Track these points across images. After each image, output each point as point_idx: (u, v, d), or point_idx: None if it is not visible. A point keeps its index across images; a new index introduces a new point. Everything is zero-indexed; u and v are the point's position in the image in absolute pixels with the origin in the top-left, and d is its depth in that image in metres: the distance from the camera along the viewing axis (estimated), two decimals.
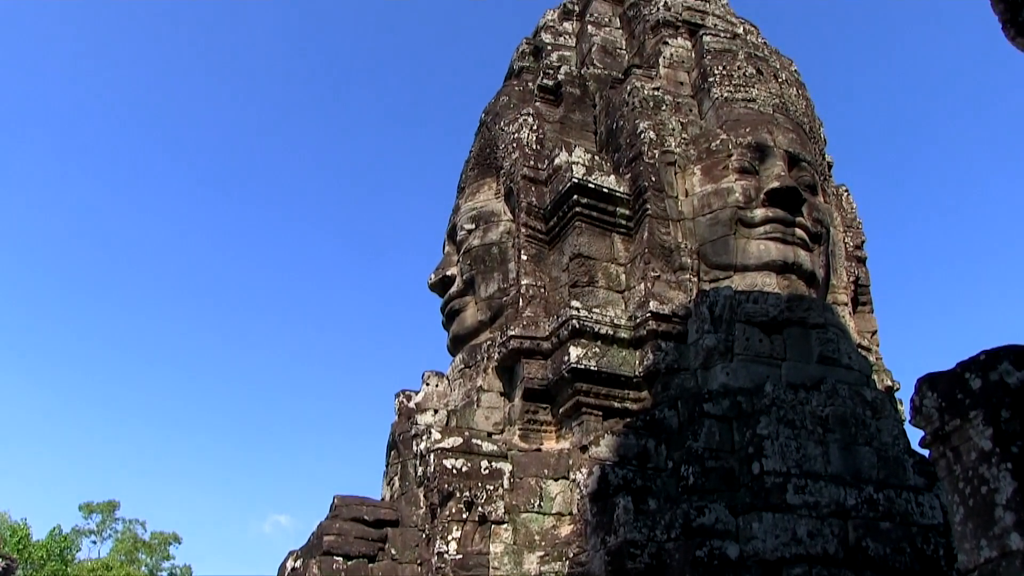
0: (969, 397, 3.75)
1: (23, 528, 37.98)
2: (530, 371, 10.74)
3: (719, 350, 9.98)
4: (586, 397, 10.25)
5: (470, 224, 12.76)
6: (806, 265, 10.91)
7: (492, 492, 9.75)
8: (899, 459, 9.18)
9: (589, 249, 11.30)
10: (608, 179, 11.62)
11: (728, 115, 11.83)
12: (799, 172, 11.32)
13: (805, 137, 12.05)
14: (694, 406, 9.54)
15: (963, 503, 3.78)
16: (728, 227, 10.98)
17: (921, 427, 4.07)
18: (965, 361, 3.85)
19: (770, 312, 10.13)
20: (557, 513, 9.89)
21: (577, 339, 10.33)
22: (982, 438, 3.67)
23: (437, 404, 11.97)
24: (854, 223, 13.41)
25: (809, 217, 11.11)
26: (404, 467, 11.37)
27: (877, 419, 9.37)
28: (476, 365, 11.74)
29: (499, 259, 12.29)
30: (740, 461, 8.97)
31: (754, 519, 8.19)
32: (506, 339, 10.97)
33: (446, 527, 9.54)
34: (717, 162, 11.38)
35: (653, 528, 8.36)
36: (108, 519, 46.99)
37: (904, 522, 8.55)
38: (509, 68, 15.07)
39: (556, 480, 10.06)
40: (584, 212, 11.43)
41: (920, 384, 4.09)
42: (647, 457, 9.44)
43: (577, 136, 12.88)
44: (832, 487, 8.55)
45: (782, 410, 9.01)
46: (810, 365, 9.98)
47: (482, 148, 13.67)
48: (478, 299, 12.39)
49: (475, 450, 10.08)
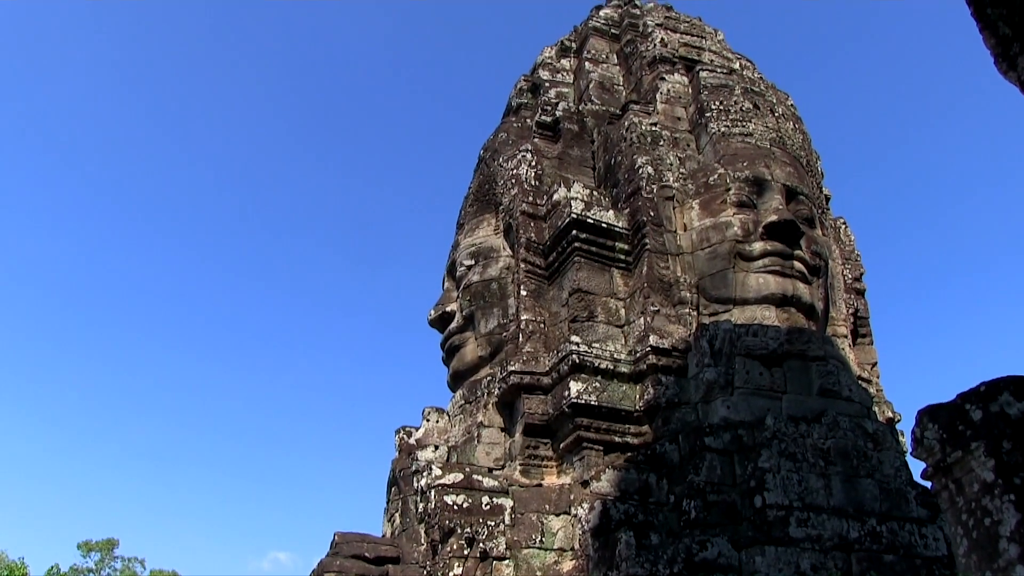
0: (970, 428, 3.75)
1: (21, 567, 37.66)
2: (530, 406, 10.72)
3: (719, 383, 9.98)
4: (587, 432, 10.23)
5: (469, 260, 12.78)
6: (805, 298, 10.92)
7: (493, 528, 9.71)
8: (901, 491, 9.16)
9: (588, 284, 11.32)
10: (607, 214, 11.66)
11: (726, 150, 11.89)
12: (797, 205, 11.36)
13: (802, 170, 12.10)
14: (695, 440, 9.53)
15: (967, 535, 3.77)
16: (727, 261, 11.00)
17: (923, 459, 4.06)
18: (965, 392, 3.85)
19: (770, 345, 10.14)
20: (559, 549, 9.83)
21: (577, 374, 10.33)
22: (984, 469, 3.67)
23: (437, 440, 11.95)
24: (852, 255, 13.45)
25: (807, 250, 11.14)
26: (405, 503, 11.33)
27: (879, 451, 9.36)
28: (476, 401, 11.73)
29: (499, 295, 12.30)
30: (742, 494, 8.95)
31: (757, 553, 8.17)
32: (506, 375, 10.96)
33: (447, 563, 9.48)
34: (715, 196, 11.42)
35: (655, 563, 8.32)
36: (107, 557, 46.62)
37: (908, 554, 8.53)
38: (507, 105, 15.15)
39: (557, 515, 10.02)
40: (583, 247, 11.46)
41: (921, 416, 4.09)
42: (648, 491, 9.42)
43: (575, 172, 12.93)
44: (835, 520, 8.53)
45: (783, 443, 9.00)
46: (811, 398, 9.97)
47: (481, 184, 13.72)
48: (478, 335, 12.39)
49: (476, 486, 10.04)
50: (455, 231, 13.92)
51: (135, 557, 47.46)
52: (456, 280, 13.05)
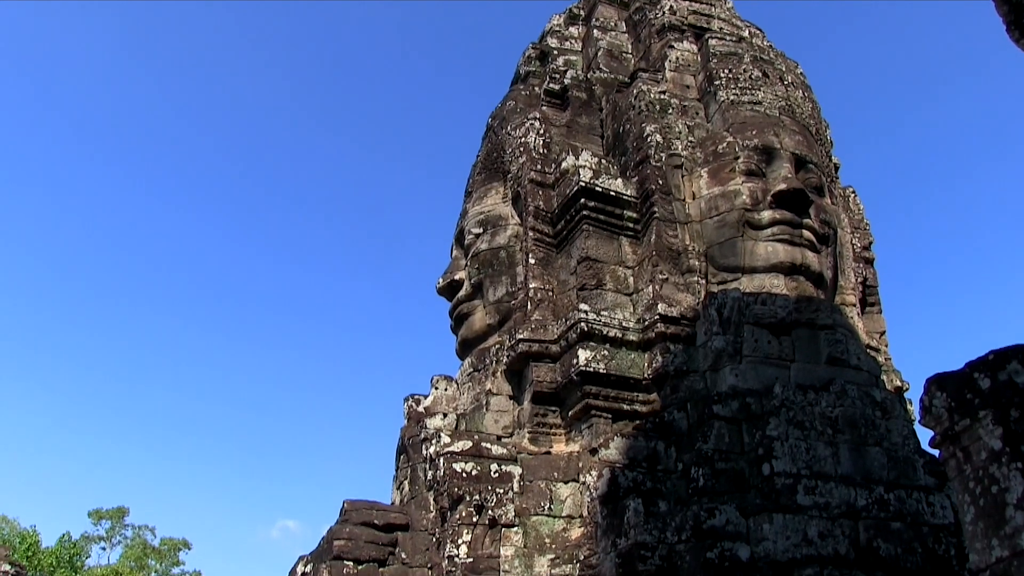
0: (978, 397, 3.77)
1: (32, 535, 38.02)
2: (539, 374, 10.75)
3: (728, 352, 9.99)
4: (595, 400, 10.26)
5: (478, 228, 12.78)
6: (814, 267, 10.91)
7: (502, 495, 9.76)
8: (909, 459, 9.18)
9: (597, 252, 11.32)
10: (615, 182, 11.64)
11: (734, 118, 11.84)
12: (806, 174, 11.33)
13: (811, 139, 12.06)
14: (703, 408, 9.55)
15: (974, 503, 3.79)
16: (735, 229, 10.98)
17: (931, 427, 4.08)
18: (974, 361, 3.86)
19: (779, 314, 10.14)
20: (567, 516, 9.89)
21: (586, 342, 10.35)
22: (992, 438, 3.68)
23: (446, 408, 11.99)
24: (861, 224, 13.41)
25: (816, 219, 11.11)
26: (414, 471, 11.38)
27: (887, 420, 9.38)
28: (485, 369, 11.76)
29: (507, 263, 12.30)
30: (750, 463, 8.98)
31: (765, 520, 8.20)
32: (515, 343, 10.98)
33: (456, 531, 9.55)
34: (724, 165, 11.39)
35: (664, 530, 8.37)
36: (117, 525, 47.04)
37: (915, 522, 8.56)
38: (516, 73, 15.09)
39: (566, 483, 10.07)
40: (591, 215, 11.45)
41: (929, 384, 4.11)
42: (657, 459, 9.45)
43: (584, 140, 12.90)
44: (842, 488, 8.56)
45: (791, 411, 9.02)
46: (819, 366, 9.98)
47: (489, 152, 13.69)
48: (486, 303, 12.39)
49: (485, 453, 10.09)
50: (463, 199, 13.90)
51: (145, 525, 47.91)
52: (464, 248, 13.04)
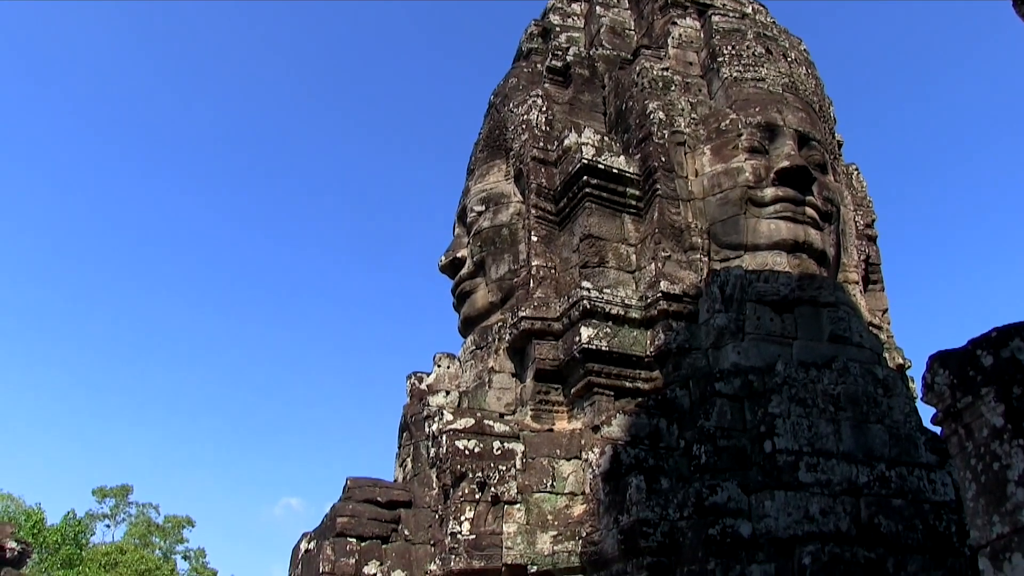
0: (981, 374, 3.77)
1: (38, 513, 38.18)
2: (541, 352, 10.76)
3: (730, 329, 9.99)
4: (597, 377, 10.27)
5: (480, 206, 12.75)
6: (817, 244, 10.91)
7: (504, 472, 9.78)
8: (911, 437, 9.20)
9: (599, 230, 11.31)
10: (618, 160, 11.61)
11: (737, 95, 11.81)
12: (809, 151, 11.31)
13: (815, 116, 12.03)
14: (705, 385, 9.56)
15: (975, 479, 3.80)
16: (738, 207, 10.97)
17: (933, 404, 4.08)
18: (977, 338, 3.86)
19: (781, 291, 10.14)
20: (570, 493, 9.91)
21: (588, 319, 10.34)
22: (994, 415, 3.69)
23: (449, 386, 12.01)
24: (864, 202, 13.39)
25: (819, 196, 11.09)
26: (416, 449, 11.41)
27: (889, 397, 9.38)
28: (487, 346, 11.76)
29: (509, 240, 12.28)
30: (752, 440, 8.99)
31: (766, 497, 8.23)
32: (517, 320, 10.98)
33: (459, 508, 9.57)
34: (727, 142, 11.37)
35: (666, 507, 8.40)
36: (122, 503, 47.23)
37: (916, 499, 8.58)
38: (518, 50, 15.03)
39: (568, 460, 10.08)
40: (594, 193, 11.43)
41: (932, 362, 4.10)
42: (659, 436, 9.47)
43: (586, 117, 12.86)
44: (844, 465, 8.58)
45: (793, 389, 9.03)
46: (821, 344, 9.99)
47: (491, 130, 13.65)
48: (489, 281, 12.38)
49: (487, 431, 10.10)
50: (465, 177, 13.87)
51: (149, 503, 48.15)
52: (467, 226, 13.02)
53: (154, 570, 40.53)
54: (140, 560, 40.36)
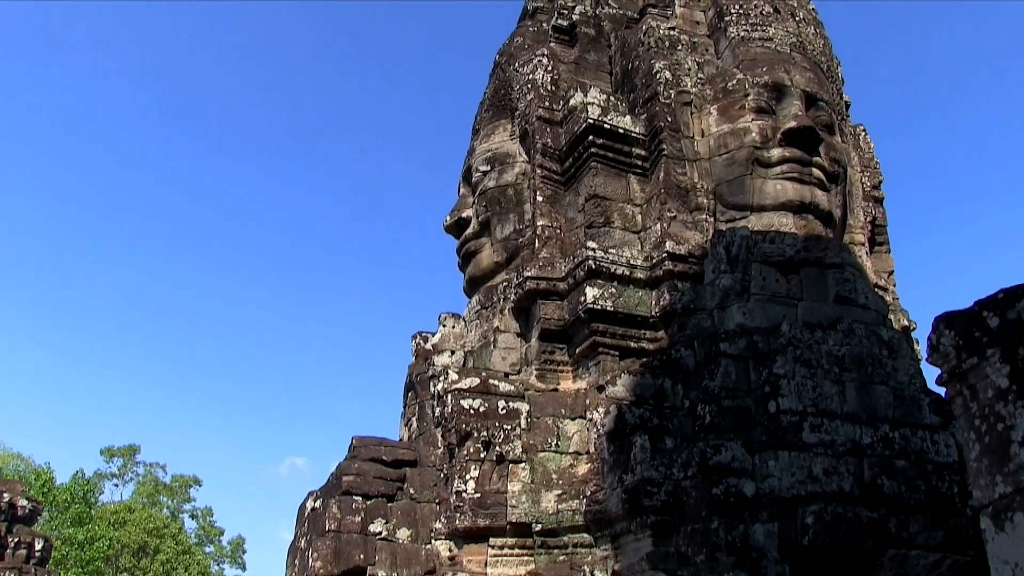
0: (987, 335, 3.76)
1: (47, 472, 38.48)
2: (546, 312, 10.76)
3: (735, 290, 9.99)
4: (602, 337, 10.28)
5: (485, 166, 12.72)
6: (823, 205, 10.88)
7: (509, 432, 9.83)
8: (915, 398, 9.21)
9: (605, 190, 11.27)
10: (624, 119, 11.56)
11: (745, 55, 11.72)
12: (816, 112, 11.25)
13: (823, 76, 11.95)
14: (710, 346, 9.57)
15: (979, 440, 3.80)
16: (744, 167, 10.93)
17: (938, 365, 4.08)
18: (983, 299, 3.85)
19: (787, 252, 10.12)
20: (574, 452, 9.97)
21: (593, 279, 10.34)
22: (999, 376, 3.68)
23: (454, 345, 12.03)
24: (871, 163, 13.33)
25: (826, 157, 11.05)
26: (422, 408, 11.46)
27: (893, 359, 9.40)
28: (492, 306, 11.77)
29: (514, 200, 12.25)
30: (756, 400, 9.02)
31: (770, 457, 8.27)
32: (522, 280, 10.98)
33: (464, 466, 9.63)
34: (734, 102, 11.30)
35: (670, 466, 8.45)
36: (129, 463, 47.55)
37: (919, 460, 8.61)
38: (523, 9, 14.92)
39: (573, 420, 10.12)
40: (600, 153, 11.39)
41: (937, 322, 4.10)
42: (663, 396, 9.50)
43: (592, 77, 12.79)
44: (848, 426, 8.61)
45: (798, 350, 9.04)
46: (827, 305, 9.99)
47: (496, 90, 13.58)
48: (494, 241, 12.36)
49: (492, 390, 10.14)
50: (471, 137, 13.82)
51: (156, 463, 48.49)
52: (472, 186, 12.99)
53: (162, 529, 40.90)
54: (148, 519, 40.71)
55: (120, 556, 39.28)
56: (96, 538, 36.32)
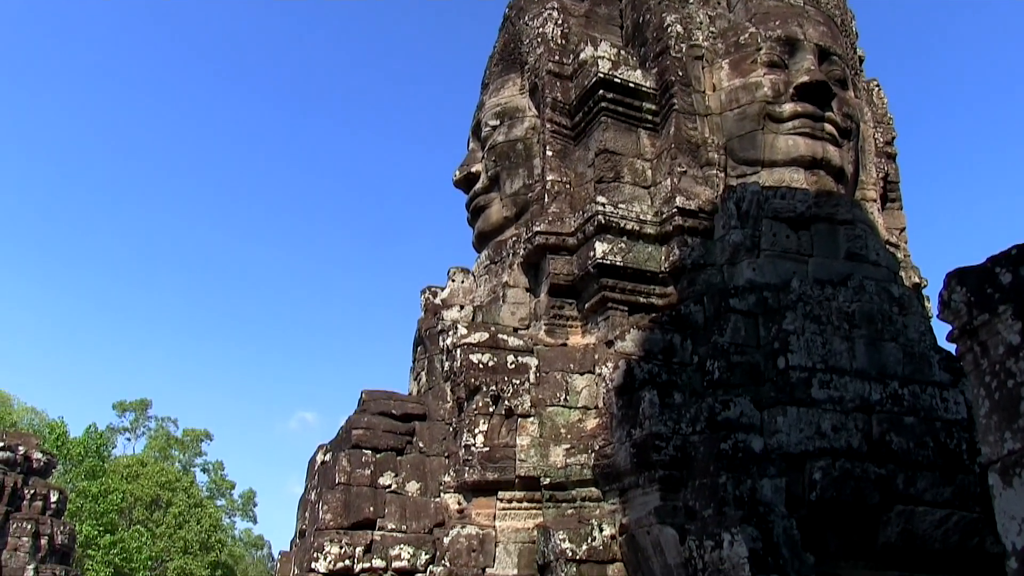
0: (999, 292, 3.73)
1: (60, 426, 38.89)
2: (556, 267, 10.74)
3: (746, 246, 9.95)
4: (612, 292, 10.26)
5: (495, 120, 12.64)
6: (835, 161, 10.80)
7: (518, 386, 9.85)
8: (925, 355, 9.20)
9: (615, 144, 11.20)
10: (634, 74, 11.46)
11: (757, 8, 11.59)
12: (829, 66, 11.13)
13: (836, 30, 11.81)
14: (720, 301, 9.56)
15: (989, 396, 3.79)
16: (756, 122, 10.84)
17: (949, 321, 4.06)
18: (996, 255, 3.81)
19: (798, 208, 10.07)
20: (583, 407, 9.99)
21: (603, 234, 10.30)
22: (1011, 332, 3.66)
23: (463, 300, 12.03)
24: (884, 119, 13.22)
25: (839, 112, 10.95)
26: (431, 362, 11.48)
27: (904, 315, 9.37)
28: (502, 261, 11.76)
29: (524, 155, 12.19)
30: (765, 356, 9.01)
31: (779, 413, 8.27)
32: (531, 235, 10.95)
33: (473, 420, 9.67)
34: (746, 56, 11.19)
35: (678, 421, 8.46)
36: (141, 417, 48.05)
37: (928, 417, 8.61)
38: None
39: (582, 374, 10.14)
40: (610, 107, 11.30)
41: (949, 278, 4.07)
42: (672, 352, 9.50)
43: (602, 30, 12.67)
44: (857, 382, 8.60)
45: (808, 306, 9.02)
46: (837, 261, 9.95)
47: (506, 44, 13.47)
48: (503, 195, 12.32)
49: (501, 345, 10.15)
50: (480, 91, 13.73)
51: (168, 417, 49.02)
52: (481, 140, 12.93)
53: (174, 482, 41.38)
54: (160, 472, 41.19)
55: (133, 508, 39.80)
56: (110, 491, 36.78)
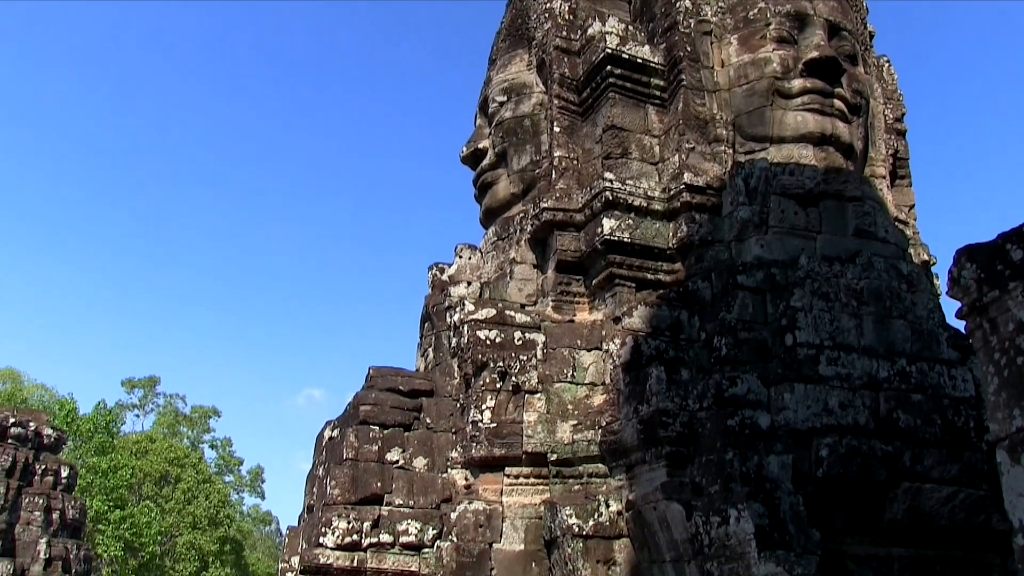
0: (1009, 268, 3.72)
1: (70, 403, 39.10)
2: (563, 243, 10.72)
3: (754, 222, 9.92)
4: (619, 269, 10.24)
5: (502, 96, 12.59)
6: (844, 137, 10.73)
7: (525, 362, 9.85)
8: (933, 333, 9.18)
9: (623, 120, 11.15)
10: (642, 49, 11.40)
11: None
12: (839, 42, 11.05)
13: (846, 5, 11.72)
14: (728, 278, 9.54)
15: (998, 374, 3.78)
16: (765, 98, 10.77)
17: (958, 298, 4.04)
18: (1006, 232, 3.80)
19: (806, 184, 10.03)
20: (590, 383, 9.99)
21: (610, 211, 10.27)
22: (1020, 309, 3.65)
23: (470, 276, 12.02)
24: (894, 95, 13.13)
25: (848, 88, 10.88)
26: (438, 339, 11.49)
27: (912, 293, 9.34)
28: (509, 238, 11.74)
29: (531, 131, 12.15)
30: (773, 333, 9.00)
31: (786, 390, 8.26)
32: (539, 211, 10.92)
33: (480, 396, 9.68)
34: (755, 31, 11.11)
35: (685, 398, 8.46)
36: (150, 394, 48.30)
37: (936, 394, 8.60)
38: None
39: (589, 351, 10.13)
40: (618, 83, 11.25)
41: (959, 255, 4.05)
42: (680, 328, 9.49)
43: (610, 6, 12.59)
44: (865, 359, 8.59)
45: (816, 283, 9.00)
46: (846, 238, 9.92)
47: (513, 19, 13.40)
48: (510, 172, 12.28)
49: (508, 321, 10.15)
50: (487, 67, 13.67)
51: (176, 394, 49.30)
52: (488, 117, 12.88)
53: (183, 458, 41.65)
54: (169, 448, 41.45)
55: (143, 484, 40.07)
56: (119, 467, 37.03)
